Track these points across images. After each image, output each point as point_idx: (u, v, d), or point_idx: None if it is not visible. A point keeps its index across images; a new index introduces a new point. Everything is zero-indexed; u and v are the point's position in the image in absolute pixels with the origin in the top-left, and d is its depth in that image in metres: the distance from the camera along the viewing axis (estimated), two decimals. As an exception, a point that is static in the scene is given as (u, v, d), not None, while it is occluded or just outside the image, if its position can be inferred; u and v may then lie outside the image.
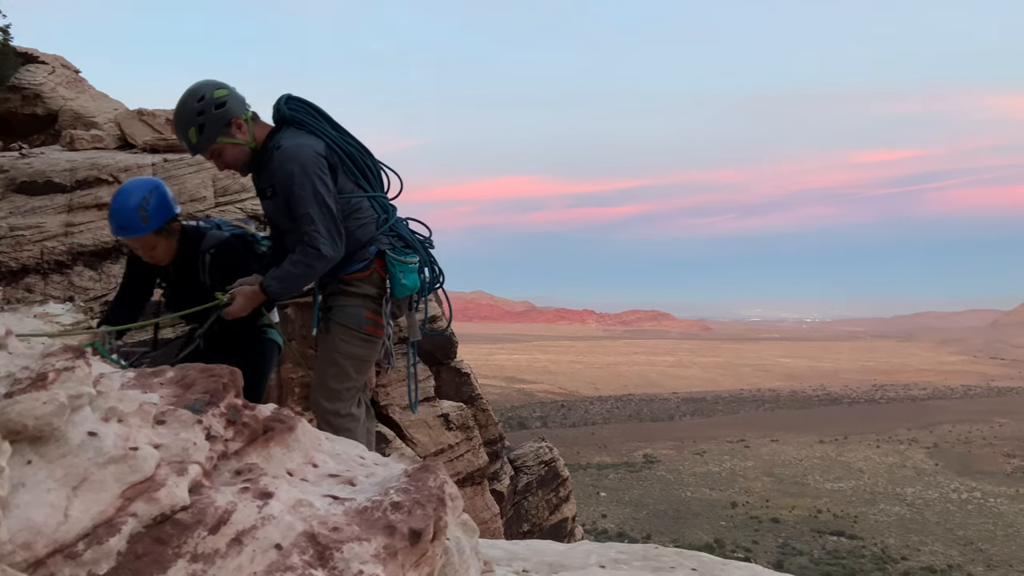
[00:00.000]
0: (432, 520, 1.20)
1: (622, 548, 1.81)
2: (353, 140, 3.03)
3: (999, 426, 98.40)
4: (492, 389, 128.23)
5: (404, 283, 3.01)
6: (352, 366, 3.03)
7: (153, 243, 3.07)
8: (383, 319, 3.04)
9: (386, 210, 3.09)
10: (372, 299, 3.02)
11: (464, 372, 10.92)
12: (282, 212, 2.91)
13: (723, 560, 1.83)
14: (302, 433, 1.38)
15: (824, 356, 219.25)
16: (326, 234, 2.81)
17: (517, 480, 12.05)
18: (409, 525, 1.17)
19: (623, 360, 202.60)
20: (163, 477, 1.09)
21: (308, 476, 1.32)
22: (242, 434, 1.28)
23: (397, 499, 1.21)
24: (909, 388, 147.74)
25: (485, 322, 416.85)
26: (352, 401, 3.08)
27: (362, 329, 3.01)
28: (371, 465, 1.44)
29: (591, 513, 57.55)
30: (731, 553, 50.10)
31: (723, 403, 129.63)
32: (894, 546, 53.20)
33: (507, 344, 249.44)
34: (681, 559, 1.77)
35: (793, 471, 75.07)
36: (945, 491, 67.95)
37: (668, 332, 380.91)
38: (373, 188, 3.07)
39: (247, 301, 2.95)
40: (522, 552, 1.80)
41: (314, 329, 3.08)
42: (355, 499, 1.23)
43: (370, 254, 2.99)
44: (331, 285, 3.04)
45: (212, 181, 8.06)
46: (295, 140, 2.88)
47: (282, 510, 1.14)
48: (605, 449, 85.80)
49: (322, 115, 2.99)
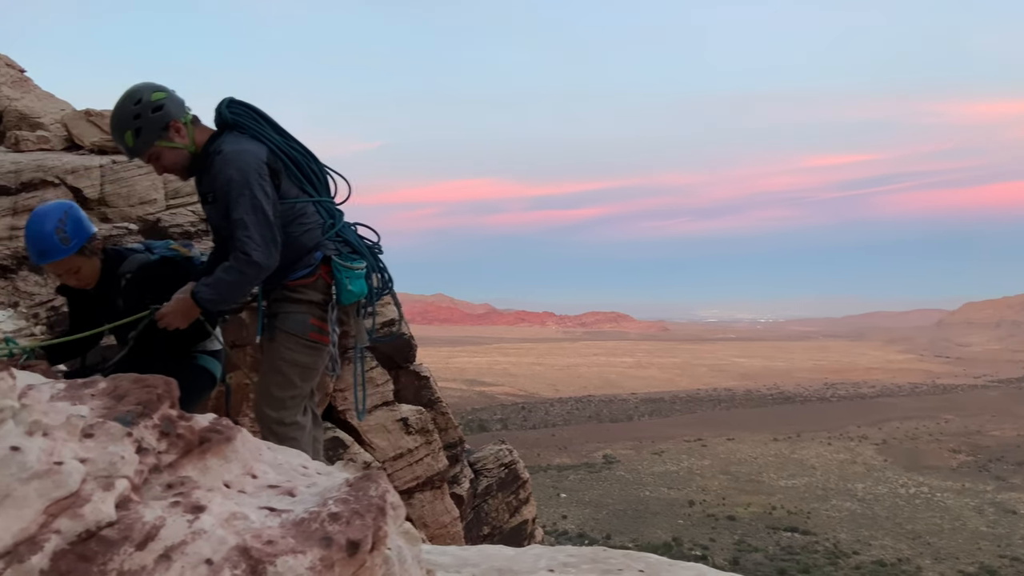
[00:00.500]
0: (371, 530, 1.17)
1: (571, 551, 1.80)
2: (297, 144, 2.98)
3: (944, 422, 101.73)
4: (452, 392, 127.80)
5: (351, 289, 2.96)
6: (297, 374, 2.97)
7: (77, 265, 2.95)
8: (329, 326, 2.97)
9: (332, 215, 3.04)
10: (317, 305, 2.96)
11: (424, 375, 10.86)
12: (223, 218, 2.84)
13: (670, 561, 1.85)
14: (241, 444, 1.34)
15: (778, 356, 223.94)
16: (259, 240, 2.75)
17: (477, 483, 12.04)
18: (347, 536, 1.13)
19: (583, 361, 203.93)
20: (89, 492, 1.04)
21: (246, 488, 1.28)
22: (176, 446, 1.24)
23: (335, 510, 1.18)
24: (859, 386, 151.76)
25: (445, 325, 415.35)
26: (297, 409, 3.01)
27: (307, 336, 2.94)
28: (313, 475, 1.41)
29: (552, 514, 57.76)
30: (688, 551, 50.77)
31: (680, 403, 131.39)
32: (846, 541, 54.57)
33: (467, 347, 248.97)
34: (629, 561, 1.77)
35: (748, 469, 76.46)
36: (894, 486, 69.96)
37: (627, 333, 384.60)
38: (319, 193, 3.02)
39: (178, 307, 2.85)
40: (472, 558, 1.78)
41: (258, 336, 3.02)
42: (293, 510, 1.19)
43: (315, 260, 2.93)
44: (276, 291, 2.98)
45: (163, 183, 7.87)
46: (236, 145, 2.82)
47: (214, 524, 1.09)
48: (565, 450, 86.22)
49: (265, 119, 2.93)
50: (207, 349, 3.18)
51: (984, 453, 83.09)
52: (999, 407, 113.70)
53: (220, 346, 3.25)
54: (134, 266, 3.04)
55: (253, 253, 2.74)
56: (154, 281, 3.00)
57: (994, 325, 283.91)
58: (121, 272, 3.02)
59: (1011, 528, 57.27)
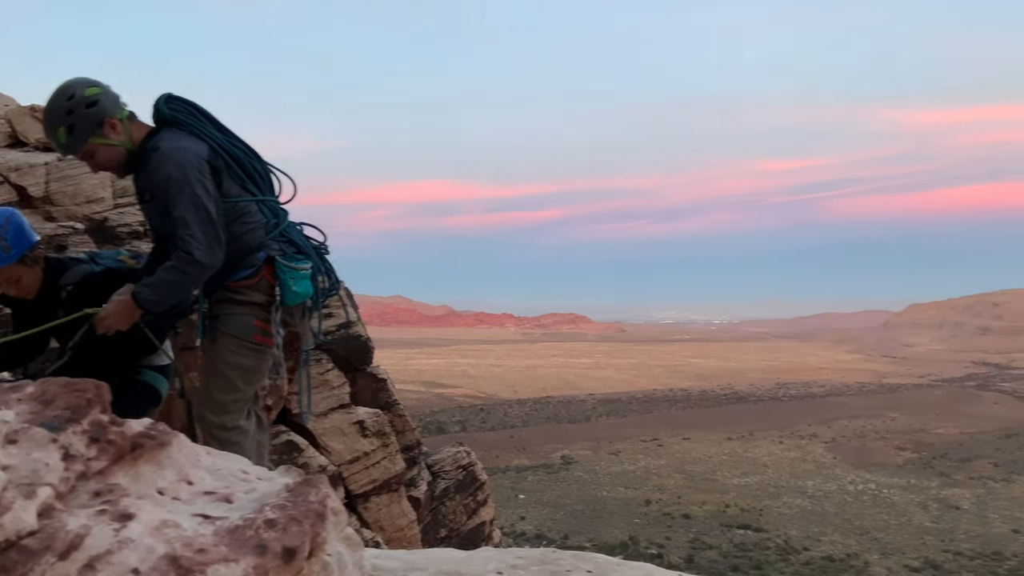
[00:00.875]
0: (309, 536, 1.13)
1: (521, 553, 1.80)
2: (239, 142, 2.90)
3: (891, 420, 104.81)
4: (410, 394, 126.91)
5: (295, 290, 2.87)
6: (240, 377, 2.88)
7: (18, 274, 2.82)
8: (273, 328, 2.89)
9: (276, 215, 2.96)
10: (261, 307, 2.88)
11: (381, 378, 10.78)
12: (162, 217, 2.75)
13: (618, 561, 1.85)
14: (178, 449, 1.30)
15: (731, 356, 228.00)
16: (202, 239, 2.65)
17: (435, 485, 11.99)
18: (283, 543, 1.10)
19: (541, 363, 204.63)
20: (9, 501, 1.00)
21: (181, 495, 1.23)
22: (107, 452, 1.18)
23: (272, 516, 1.14)
24: (809, 386, 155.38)
25: (403, 327, 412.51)
26: (240, 414, 2.92)
27: (250, 338, 2.86)
28: (254, 480, 1.36)
29: (510, 516, 57.80)
30: (644, 550, 51.32)
31: (637, 403, 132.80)
32: (796, 537, 55.81)
33: (426, 348, 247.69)
34: (578, 562, 1.76)
35: (703, 468, 77.66)
36: (843, 483, 71.80)
37: (585, 335, 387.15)
38: (262, 192, 2.93)
39: (118, 309, 2.73)
40: (420, 562, 1.76)
41: (198, 339, 2.92)
42: (228, 517, 1.15)
43: (258, 260, 2.85)
44: (217, 293, 2.88)
45: (111, 181, 7.67)
46: (175, 142, 2.73)
47: (142, 532, 1.06)
48: (524, 451, 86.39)
49: (205, 115, 2.84)
50: (153, 364, 3.06)
51: (928, 450, 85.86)
52: (942, 406, 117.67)
53: (168, 361, 3.13)
54: (77, 277, 2.91)
55: (195, 252, 2.65)
56: (97, 293, 2.85)
57: (937, 326, 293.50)
58: (63, 283, 2.89)
59: (954, 523, 59.27)
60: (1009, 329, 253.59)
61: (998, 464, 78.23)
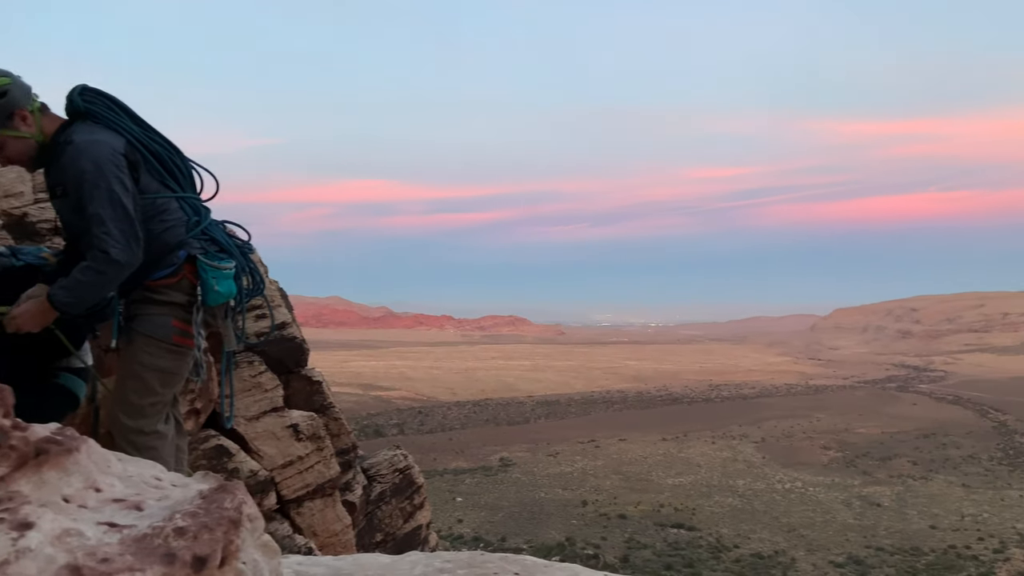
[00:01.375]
0: (221, 544, 1.10)
1: (448, 557, 1.80)
2: (158, 136, 2.78)
3: (816, 421, 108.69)
4: (347, 397, 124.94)
5: (217, 290, 2.78)
6: (157, 379, 2.77)
7: None
8: (193, 328, 2.80)
9: (198, 212, 2.85)
10: (181, 307, 2.78)
11: (316, 380, 10.59)
12: (74, 213, 2.63)
13: (545, 563, 1.86)
14: (86, 455, 1.24)
15: (667, 358, 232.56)
16: (119, 236, 2.54)
17: (371, 489, 11.84)
18: (193, 551, 1.06)
19: (481, 365, 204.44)
20: None
21: (88, 502, 1.17)
22: (8, 459, 1.14)
23: (182, 524, 1.10)
24: (740, 387, 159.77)
25: (341, 328, 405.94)
26: (158, 417, 2.81)
27: (169, 340, 2.76)
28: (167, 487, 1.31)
29: (447, 519, 57.50)
30: (581, 550, 51.78)
31: (575, 405, 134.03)
32: (727, 535, 57.22)
33: (363, 350, 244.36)
34: (505, 564, 1.76)
35: (639, 468, 78.90)
36: (771, 482, 74.04)
37: (524, 337, 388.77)
38: (182, 188, 2.83)
39: (31, 310, 2.60)
40: (346, 567, 1.74)
41: (113, 340, 2.81)
42: (136, 526, 1.11)
43: (179, 259, 2.76)
44: (135, 292, 2.77)
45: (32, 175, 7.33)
46: (90, 135, 2.61)
47: (42, 542, 1.01)
48: (462, 454, 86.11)
49: (122, 108, 2.72)
50: (70, 367, 2.91)
51: (851, 449, 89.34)
52: (865, 406, 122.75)
53: (86, 364, 2.98)
54: None
55: (112, 250, 2.53)
56: (15, 290, 2.71)
57: (861, 330, 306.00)
58: None
59: (876, 520, 61.76)
60: (927, 333, 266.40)
61: (916, 463, 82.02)
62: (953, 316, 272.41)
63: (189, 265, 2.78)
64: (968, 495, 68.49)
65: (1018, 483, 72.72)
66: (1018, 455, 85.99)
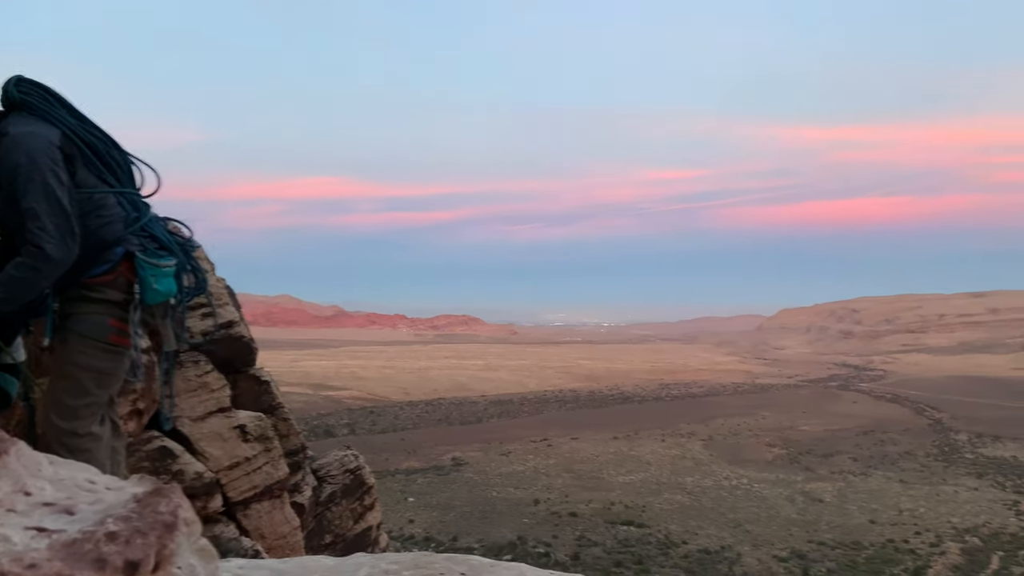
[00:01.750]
0: (154, 549, 1.08)
1: (394, 558, 1.79)
2: (96, 129, 2.69)
3: (762, 419, 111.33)
4: (297, 397, 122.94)
5: (156, 288, 2.70)
6: (92, 380, 2.67)
7: None
8: (131, 328, 2.70)
9: (137, 208, 2.77)
10: (118, 306, 2.69)
11: (264, 380, 10.40)
12: (9, 207, 2.54)
13: (491, 562, 1.87)
14: (15, 458, 1.21)
15: (619, 358, 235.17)
16: (54, 232, 2.46)
17: (320, 491, 11.68)
18: (125, 556, 1.03)
19: (434, 364, 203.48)
20: None
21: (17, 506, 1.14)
22: None
23: (114, 528, 1.07)
24: (690, 386, 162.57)
25: (291, 327, 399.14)
26: (92, 419, 2.70)
27: (105, 339, 2.67)
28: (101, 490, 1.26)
29: (399, 519, 57.10)
30: (532, 549, 52.01)
31: (528, 404, 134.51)
32: (676, 532, 58.16)
33: (314, 350, 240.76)
34: (451, 564, 1.76)
35: (590, 467, 79.60)
36: (719, 479, 75.52)
37: (478, 336, 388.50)
38: (121, 183, 2.74)
39: None
40: (290, 570, 1.73)
41: (46, 339, 2.70)
42: (66, 531, 1.08)
43: (116, 256, 2.67)
44: (70, 290, 2.67)
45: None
46: (24, 127, 2.53)
47: None
48: (414, 454, 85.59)
49: (58, 100, 2.62)
50: (1, 363, 2.80)
51: (795, 446, 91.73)
52: (808, 404, 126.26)
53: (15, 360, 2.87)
54: None
55: (47, 246, 2.45)
56: None
57: (805, 330, 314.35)
58: None
59: (818, 515, 63.51)
60: (867, 333, 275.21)
61: (856, 459, 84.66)
62: (892, 317, 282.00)
63: (127, 262, 2.69)
64: (905, 490, 71.01)
65: (952, 479, 75.73)
66: (952, 451, 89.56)
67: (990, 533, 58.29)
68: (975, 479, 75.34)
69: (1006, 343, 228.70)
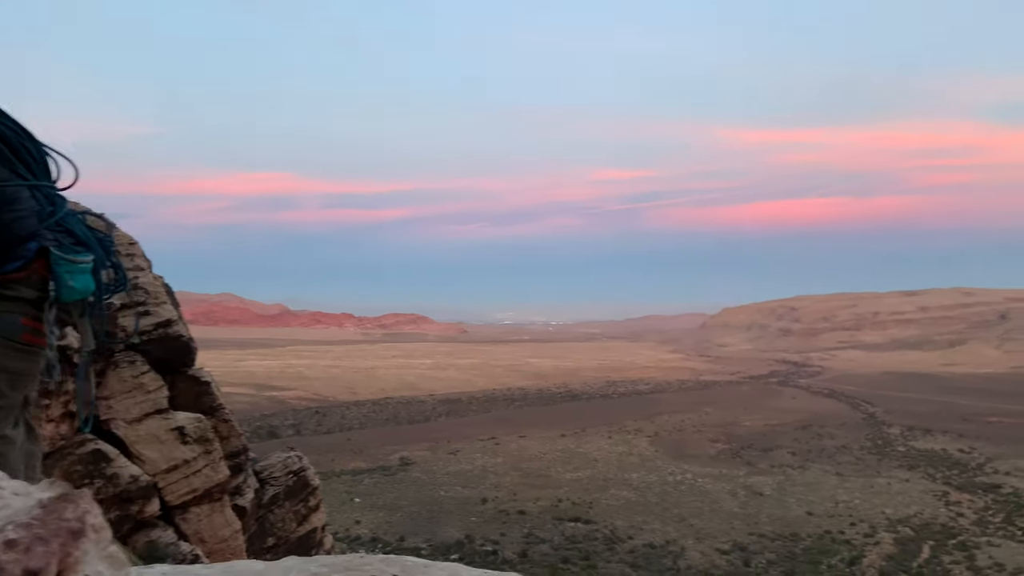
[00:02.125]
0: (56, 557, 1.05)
1: (325, 561, 1.77)
2: (8, 120, 2.58)
3: (706, 415, 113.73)
4: (240, 398, 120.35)
5: (72, 285, 2.60)
6: (5, 381, 2.55)
7: None
8: (45, 327, 2.61)
9: (52, 202, 2.65)
10: (31, 303, 2.58)
11: (204, 380, 10.15)
12: None
13: (426, 562, 1.86)
14: None
15: (566, 356, 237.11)
16: None
17: (263, 493, 11.45)
18: (24, 565, 1.01)
19: (381, 364, 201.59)
20: None
21: None
22: None
23: (13, 536, 1.04)
24: (636, 383, 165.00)
25: (234, 326, 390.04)
26: (6, 422, 2.60)
27: (17, 338, 2.55)
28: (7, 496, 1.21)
29: (345, 520, 56.41)
30: (480, 547, 52.05)
31: (477, 403, 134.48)
32: (622, 527, 58.96)
33: (258, 349, 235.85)
34: (385, 566, 1.76)
35: (538, 464, 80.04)
36: (663, 474, 76.83)
37: (426, 335, 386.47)
38: (35, 175, 2.61)
39: None
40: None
41: None
42: None
43: (29, 252, 2.55)
44: None
45: None
46: None
47: None
48: (361, 454, 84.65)
49: None
50: None
51: (737, 441, 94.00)
52: (749, 400, 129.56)
53: None
54: None
55: None
56: None
57: (746, 328, 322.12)
58: None
59: (758, 508, 65.22)
60: (805, 331, 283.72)
61: (795, 453, 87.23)
62: (829, 315, 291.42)
63: (41, 259, 2.58)
64: (841, 483, 73.51)
65: (886, 471, 78.73)
66: (886, 444, 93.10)
67: (921, 523, 60.82)
68: (907, 471, 78.50)
69: (935, 340, 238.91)
